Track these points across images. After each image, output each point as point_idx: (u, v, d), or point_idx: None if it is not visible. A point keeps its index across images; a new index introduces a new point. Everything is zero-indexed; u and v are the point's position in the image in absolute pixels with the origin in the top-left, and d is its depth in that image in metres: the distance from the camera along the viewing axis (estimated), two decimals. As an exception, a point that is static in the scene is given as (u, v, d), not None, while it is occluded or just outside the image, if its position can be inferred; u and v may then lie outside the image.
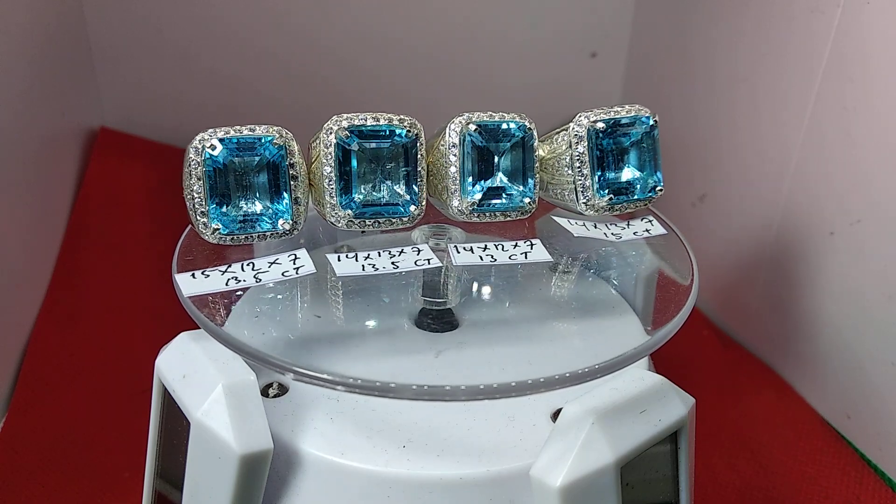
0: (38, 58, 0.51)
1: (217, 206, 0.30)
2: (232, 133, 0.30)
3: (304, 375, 0.25)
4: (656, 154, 0.35)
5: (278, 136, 0.30)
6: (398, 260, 0.31)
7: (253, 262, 0.31)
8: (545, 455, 0.25)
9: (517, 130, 0.32)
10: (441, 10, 0.62)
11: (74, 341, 0.48)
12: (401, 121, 0.31)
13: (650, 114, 0.34)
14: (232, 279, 0.30)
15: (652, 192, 0.34)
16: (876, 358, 0.42)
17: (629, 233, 0.35)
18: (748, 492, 0.42)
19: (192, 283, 0.30)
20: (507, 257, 0.32)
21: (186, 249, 0.33)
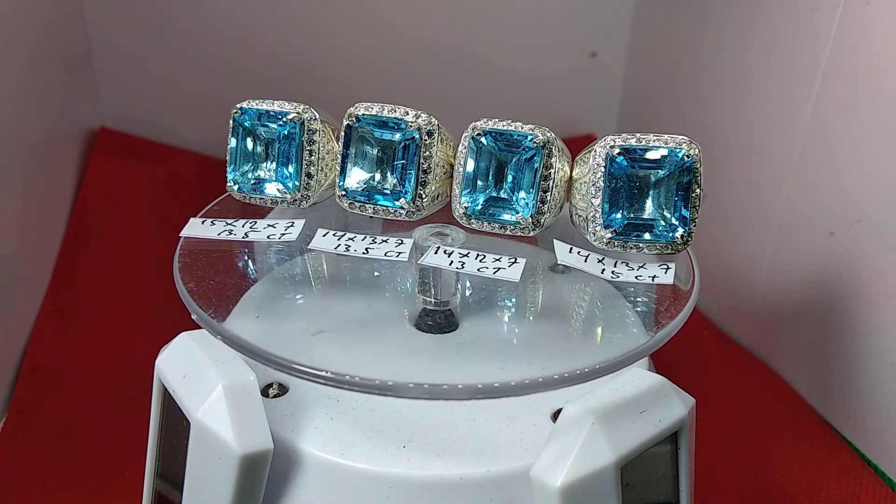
0: (37, 57, 0.51)
1: (236, 167, 0.34)
2: (263, 105, 0.34)
3: (305, 373, 0.25)
4: (689, 196, 0.31)
5: (296, 113, 0.33)
6: (372, 247, 0.32)
7: (255, 221, 0.34)
8: (545, 455, 0.25)
9: (529, 143, 0.30)
10: (441, 10, 0.62)
11: (74, 341, 0.48)
12: (417, 116, 0.32)
13: (689, 149, 0.30)
14: (226, 232, 0.33)
15: (671, 237, 0.31)
16: (876, 358, 0.42)
17: (631, 275, 0.31)
18: (748, 492, 0.42)
19: (193, 228, 0.33)
20: (476, 269, 0.30)
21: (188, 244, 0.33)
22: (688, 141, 0.30)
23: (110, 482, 0.41)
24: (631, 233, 0.30)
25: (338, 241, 0.32)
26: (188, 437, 0.27)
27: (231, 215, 0.35)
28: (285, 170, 0.33)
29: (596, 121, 0.69)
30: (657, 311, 0.32)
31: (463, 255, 0.31)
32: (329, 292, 0.35)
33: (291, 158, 0.33)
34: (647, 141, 0.30)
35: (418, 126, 0.31)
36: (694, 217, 0.31)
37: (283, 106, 0.34)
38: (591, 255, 0.32)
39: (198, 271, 0.32)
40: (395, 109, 0.32)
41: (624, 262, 0.32)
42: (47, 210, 0.53)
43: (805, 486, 0.42)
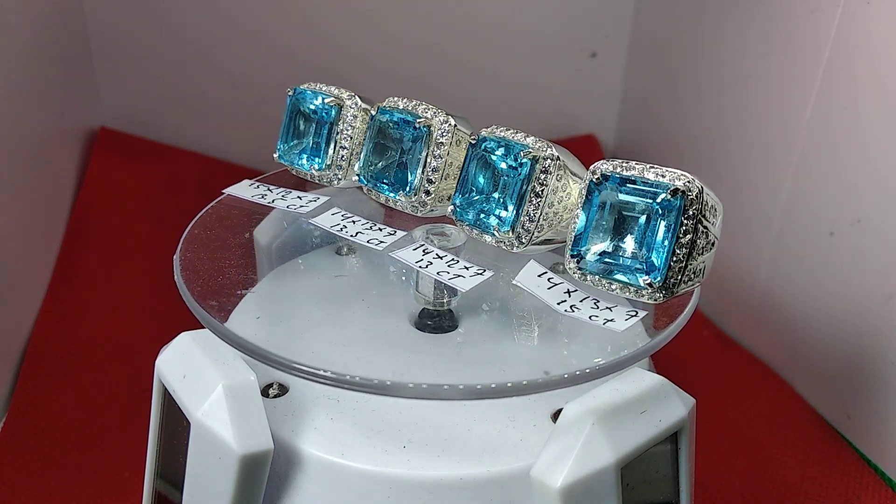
0: (37, 57, 0.51)
1: (284, 141, 0.38)
2: (314, 87, 0.37)
3: (305, 373, 0.25)
4: (672, 240, 0.26)
5: (332, 98, 0.35)
6: (362, 232, 0.33)
7: (290, 192, 0.37)
8: (545, 455, 0.25)
9: (518, 155, 0.29)
10: (441, 10, 0.62)
11: (74, 341, 0.48)
12: (435, 114, 0.32)
13: (683, 186, 0.26)
14: (259, 195, 0.36)
15: (635, 280, 0.27)
16: (876, 358, 0.42)
17: (587, 314, 0.28)
18: (748, 492, 0.42)
19: (237, 188, 0.37)
20: (436, 272, 0.30)
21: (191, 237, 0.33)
22: (686, 178, 0.26)
23: (110, 482, 0.41)
24: (604, 270, 0.28)
25: (338, 221, 0.34)
26: (188, 437, 0.27)
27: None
28: (318, 149, 0.36)
29: (596, 121, 0.69)
30: (658, 312, 0.32)
31: (437, 257, 0.31)
32: (329, 292, 0.35)
33: (324, 139, 0.36)
34: (640, 171, 0.27)
35: (428, 124, 0.32)
36: (679, 265, 0.26)
37: (330, 90, 0.36)
38: (561, 286, 0.30)
39: (199, 271, 0.32)
40: (418, 105, 0.33)
41: (594, 299, 0.29)
42: (47, 210, 0.53)
43: (805, 487, 0.42)
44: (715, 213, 0.27)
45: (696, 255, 0.27)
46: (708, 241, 0.27)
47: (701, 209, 0.26)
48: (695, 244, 0.26)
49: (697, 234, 0.26)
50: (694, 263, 0.27)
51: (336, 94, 0.36)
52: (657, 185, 0.26)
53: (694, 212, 0.26)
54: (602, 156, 0.68)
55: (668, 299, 0.27)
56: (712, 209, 0.27)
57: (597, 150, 0.68)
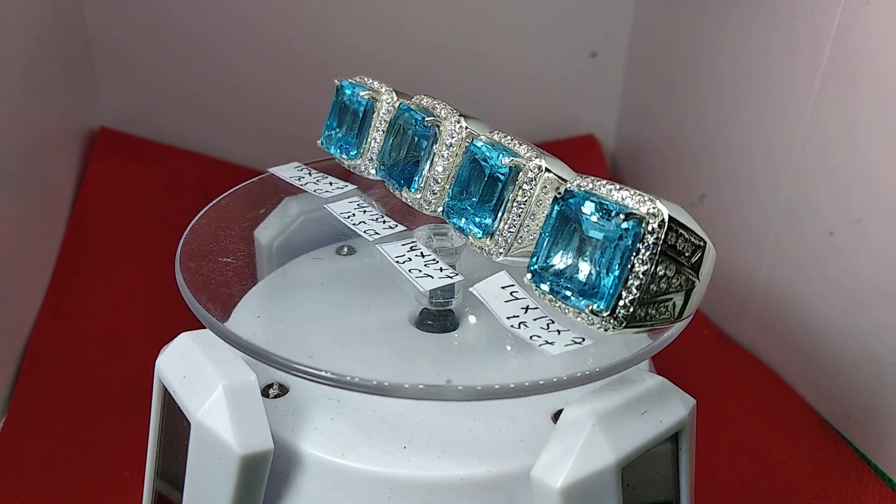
0: (37, 58, 0.51)
1: (327, 129, 0.39)
2: (356, 79, 0.38)
3: (305, 373, 0.25)
4: (625, 267, 0.24)
5: (368, 91, 0.36)
6: (365, 225, 0.34)
7: (326, 177, 0.38)
8: (546, 456, 0.25)
9: (498, 163, 0.29)
10: (442, 10, 0.62)
11: (74, 341, 0.48)
12: (449, 113, 0.33)
13: (639, 213, 0.24)
14: (296, 178, 0.38)
15: (580, 304, 0.25)
16: (876, 358, 0.42)
17: (529, 333, 0.27)
18: (748, 492, 0.42)
19: (282, 170, 0.39)
20: (409, 269, 0.30)
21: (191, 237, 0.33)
22: (652, 206, 0.24)
23: (110, 482, 0.41)
24: (556, 289, 0.26)
25: (350, 209, 0.35)
26: (188, 437, 0.27)
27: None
28: (353, 139, 0.37)
29: (596, 121, 0.69)
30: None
31: (419, 255, 0.31)
32: (330, 292, 0.35)
33: (356, 131, 0.37)
34: (607, 191, 0.25)
35: (438, 123, 0.32)
36: (632, 297, 0.24)
37: (370, 84, 0.37)
38: (521, 301, 0.28)
39: (199, 270, 0.32)
40: (437, 105, 0.33)
41: (549, 320, 0.28)
42: (47, 210, 0.53)
43: (805, 486, 0.42)
44: (696, 251, 0.25)
45: (661, 290, 0.25)
46: (682, 278, 0.25)
47: (667, 241, 0.24)
48: (656, 277, 0.24)
49: (660, 267, 0.24)
50: (662, 299, 0.25)
51: (375, 87, 0.37)
52: (619, 209, 0.25)
53: (654, 242, 0.24)
54: (602, 156, 0.68)
55: (621, 332, 0.25)
56: (692, 246, 0.25)
57: (597, 150, 0.68)
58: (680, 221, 0.25)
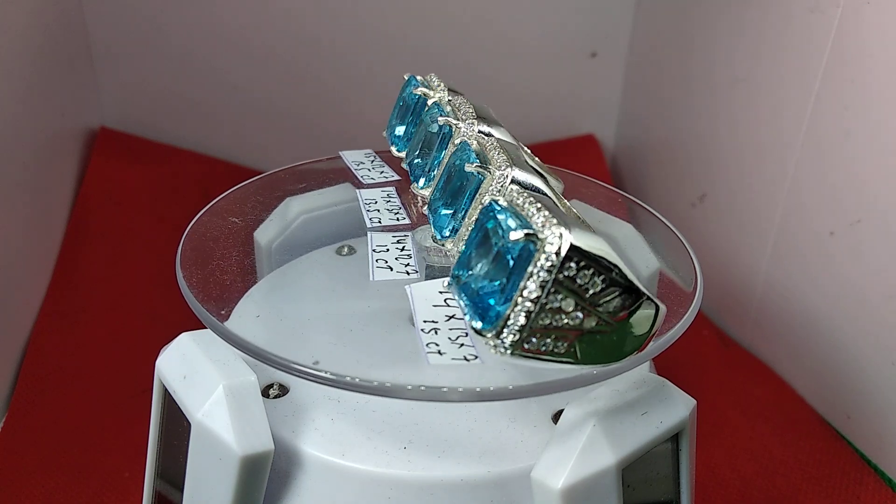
0: (37, 58, 0.51)
1: (391, 123, 0.38)
2: (421, 77, 0.37)
3: (304, 374, 0.25)
4: (513, 291, 0.23)
5: (418, 87, 0.36)
6: (377, 213, 0.35)
7: (382, 166, 0.39)
8: (546, 457, 0.25)
9: (469, 170, 0.28)
10: (441, 10, 0.62)
11: (74, 341, 0.48)
12: (466, 116, 0.32)
13: (536, 233, 0.23)
14: (357, 163, 0.39)
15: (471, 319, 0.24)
16: (876, 358, 0.42)
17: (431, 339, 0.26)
18: (748, 492, 0.42)
19: (351, 153, 0.39)
20: (378, 258, 0.31)
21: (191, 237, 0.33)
22: (557, 232, 0.22)
23: (110, 482, 0.41)
24: (463, 300, 0.24)
25: (374, 198, 0.36)
26: (189, 437, 0.27)
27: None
28: (404, 134, 0.37)
29: (596, 121, 0.69)
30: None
31: (400, 249, 0.32)
32: (330, 292, 0.35)
33: (408, 125, 0.37)
34: (524, 205, 0.24)
35: (450, 124, 0.32)
36: (518, 323, 0.23)
37: (430, 81, 0.37)
38: (447, 310, 0.27)
39: (199, 270, 0.32)
40: (460, 108, 0.33)
41: (464, 332, 0.27)
42: (47, 210, 0.53)
43: (805, 486, 0.42)
44: (615, 294, 0.23)
45: (556, 324, 0.23)
46: (584, 319, 0.23)
47: (565, 272, 0.22)
48: (546, 308, 0.23)
49: (552, 298, 0.23)
50: (558, 335, 0.23)
51: (432, 84, 0.37)
52: (522, 226, 0.23)
53: (550, 269, 0.22)
54: (602, 156, 0.68)
55: (514, 358, 0.23)
56: (610, 287, 0.23)
57: (597, 150, 0.68)
58: (596, 257, 0.23)
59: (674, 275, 0.34)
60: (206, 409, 0.26)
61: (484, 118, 0.33)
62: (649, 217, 0.37)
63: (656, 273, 0.35)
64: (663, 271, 0.35)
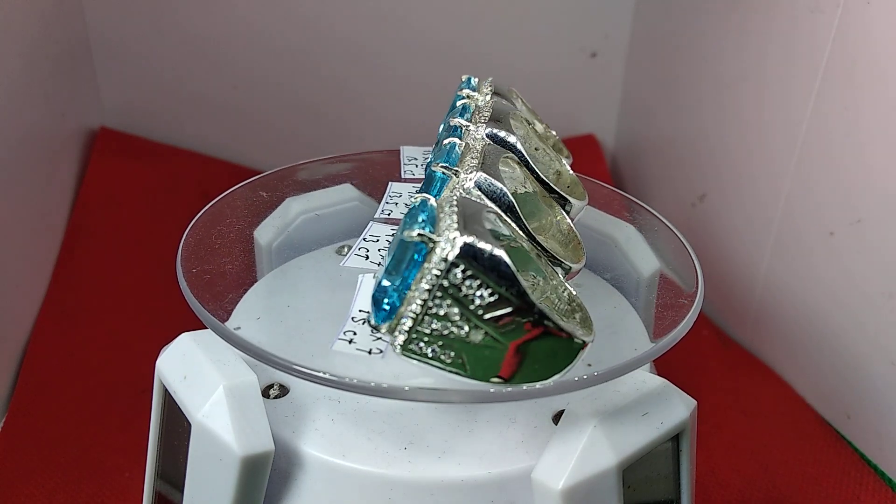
0: (38, 58, 0.51)
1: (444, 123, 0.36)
2: (474, 82, 0.37)
3: (304, 374, 0.25)
4: (404, 290, 0.23)
5: (468, 97, 0.35)
6: (396, 207, 0.34)
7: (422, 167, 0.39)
8: (547, 458, 0.25)
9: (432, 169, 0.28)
10: (441, 11, 0.62)
11: (74, 341, 0.48)
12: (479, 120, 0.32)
13: (433, 235, 0.22)
14: (411, 158, 0.38)
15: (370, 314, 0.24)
16: (876, 358, 0.42)
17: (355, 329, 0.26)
18: (749, 491, 0.42)
19: (410, 148, 0.40)
20: (360, 248, 0.31)
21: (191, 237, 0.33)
22: (454, 235, 0.22)
23: (110, 482, 0.41)
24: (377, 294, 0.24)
25: (401, 192, 0.35)
26: (189, 438, 0.27)
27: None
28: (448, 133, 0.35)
29: (596, 121, 0.69)
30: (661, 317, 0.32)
31: (390, 240, 0.31)
32: (330, 293, 0.35)
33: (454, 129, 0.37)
34: (448, 212, 0.23)
35: (463, 127, 0.32)
36: (410, 320, 0.23)
37: (481, 88, 0.36)
38: None
39: (199, 270, 0.32)
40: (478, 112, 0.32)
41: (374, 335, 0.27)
42: (47, 210, 0.53)
43: (805, 486, 0.42)
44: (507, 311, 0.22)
45: (442, 332, 0.23)
46: (471, 332, 0.23)
47: (451, 280, 0.22)
48: (432, 313, 0.23)
49: (436, 303, 0.22)
50: (445, 343, 0.23)
51: (482, 89, 0.36)
52: (424, 227, 0.23)
53: (436, 274, 0.22)
54: (602, 156, 0.68)
55: (409, 359, 0.23)
56: (493, 300, 0.22)
57: (597, 150, 0.68)
58: (489, 269, 0.22)
59: (674, 275, 0.34)
60: (206, 409, 0.26)
61: (498, 120, 0.32)
62: (649, 217, 0.37)
63: (657, 273, 0.35)
64: (664, 272, 0.35)
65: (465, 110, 0.33)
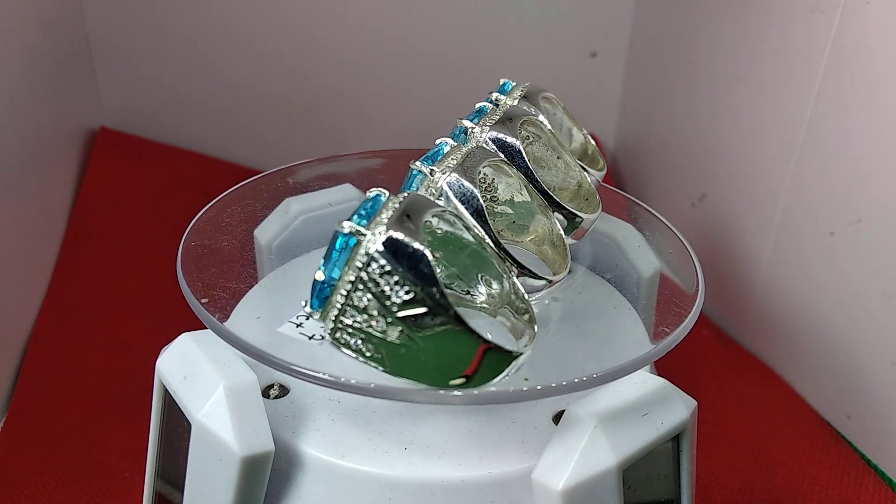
0: (37, 58, 0.51)
1: None
2: (504, 81, 0.36)
3: (303, 375, 0.25)
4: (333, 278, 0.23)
5: (493, 93, 0.34)
6: None
7: None
8: (547, 458, 0.25)
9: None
10: (441, 10, 0.62)
11: (74, 341, 0.48)
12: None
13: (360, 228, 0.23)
14: None
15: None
16: (876, 358, 0.42)
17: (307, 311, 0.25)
18: (749, 491, 0.42)
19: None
20: None
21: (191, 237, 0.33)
22: (382, 231, 0.23)
23: (110, 482, 0.41)
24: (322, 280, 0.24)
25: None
26: (189, 438, 0.27)
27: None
28: None
29: (596, 121, 0.69)
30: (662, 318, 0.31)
31: None
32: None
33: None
34: (390, 206, 0.24)
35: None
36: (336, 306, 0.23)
37: (513, 92, 0.35)
38: None
39: (200, 270, 0.32)
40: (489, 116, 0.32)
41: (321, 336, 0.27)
42: (47, 210, 0.53)
43: (805, 486, 0.42)
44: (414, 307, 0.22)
45: (363, 325, 0.23)
46: (387, 326, 0.23)
47: (371, 275, 0.23)
48: (352, 304, 0.23)
49: (357, 295, 0.23)
50: (364, 336, 0.23)
51: (514, 93, 0.35)
52: (359, 221, 0.23)
53: (359, 266, 0.23)
54: (602, 155, 0.68)
55: (337, 348, 0.24)
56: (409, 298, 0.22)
57: (597, 149, 0.68)
58: (409, 267, 0.22)
59: (674, 275, 0.34)
60: (206, 409, 0.26)
61: (507, 123, 0.31)
62: (649, 217, 0.37)
63: (657, 273, 0.35)
64: (664, 272, 0.35)
65: (481, 112, 0.33)
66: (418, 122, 0.65)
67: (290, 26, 0.61)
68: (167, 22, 0.61)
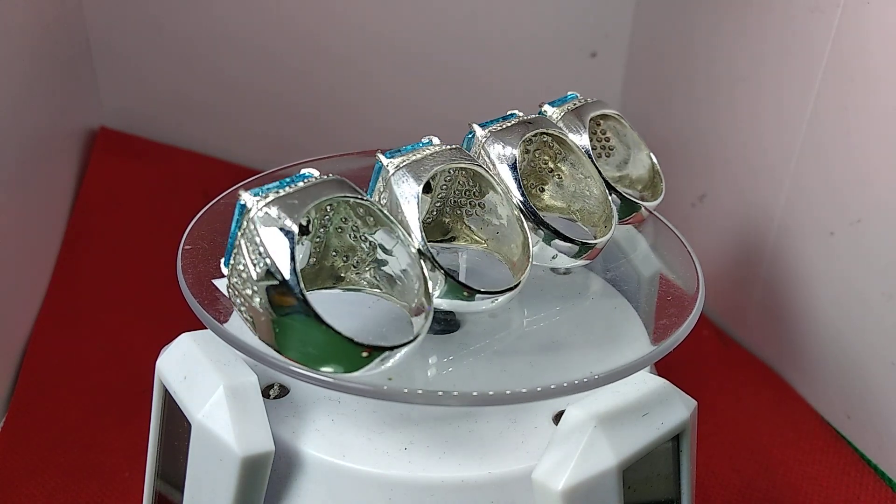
0: (38, 58, 0.51)
1: None
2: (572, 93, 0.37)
3: (303, 375, 0.25)
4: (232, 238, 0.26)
5: (544, 104, 0.36)
6: None
7: None
8: (547, 458, 0.25)
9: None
10: (441, 10, 0.62)
11: (74, 341, 0.48)
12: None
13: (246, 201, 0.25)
14: None
15: None
16: (876, 358, 0.42)
17: None
18: (749, 491, 0.42)
19: None
20: None
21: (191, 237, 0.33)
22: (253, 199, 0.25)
23: (110, 482, 0.41)
24: None
25: None
26: (189, 438, 0.27)
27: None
28: None
29: (596, 120, 0.69)
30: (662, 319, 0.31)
31: None
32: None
33: None
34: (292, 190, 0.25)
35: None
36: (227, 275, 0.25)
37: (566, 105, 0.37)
38: None
39: (200, 270, 0.32)
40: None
41: None
42: (47, 210, 0.53)
43: (805, 486, 0.42)
44: (266, 280, 0.24)
45: (240, 281, 0.24)
46: (251, 290, 0.24)
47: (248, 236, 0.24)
48: (236, 264, 0.24)
49: (238, 259, 0.24)
50: (243, 295, 0.24)
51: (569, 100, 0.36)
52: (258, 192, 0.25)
53: (241, 231, 0.24)
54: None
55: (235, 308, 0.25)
56: (261, 271, 0.24)
57: (597, 149, 0.68)
58: (274, 240, 0.24)
59: (674, 276, 0.34)
60: (206, 409, 0.26)
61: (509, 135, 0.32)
62: (649, 217, 0.37)
63: (657, 273, 0.35)
64: (664, 272, 0.35)
65: (506, 118, 0.34)
66: (418, 122, 0.65)
67: (290, 26, 0.61)
68: (167, 22, 0.60)
